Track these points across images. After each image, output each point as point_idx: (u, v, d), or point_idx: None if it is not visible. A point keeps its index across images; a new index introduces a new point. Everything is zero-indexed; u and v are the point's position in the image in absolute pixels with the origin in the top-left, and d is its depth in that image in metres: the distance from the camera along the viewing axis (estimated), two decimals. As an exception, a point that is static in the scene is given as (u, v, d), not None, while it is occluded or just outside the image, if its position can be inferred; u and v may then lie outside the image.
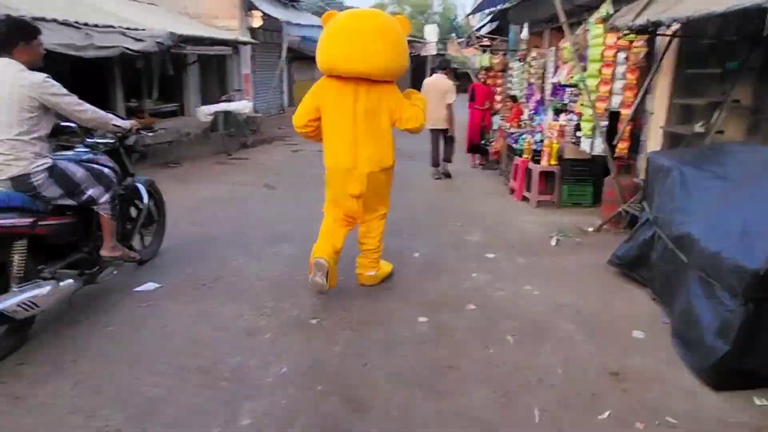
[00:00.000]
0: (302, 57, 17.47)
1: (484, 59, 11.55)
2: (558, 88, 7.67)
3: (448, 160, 8.60)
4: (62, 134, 3.80)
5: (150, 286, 4.11)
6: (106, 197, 3.51)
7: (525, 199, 7.01)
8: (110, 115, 3.64)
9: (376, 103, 3.72)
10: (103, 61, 8.19)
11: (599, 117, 5.65)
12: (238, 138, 11.31)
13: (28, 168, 3.10)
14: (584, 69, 5.96)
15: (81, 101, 3.32)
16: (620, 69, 5.57)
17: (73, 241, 3.53)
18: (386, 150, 3.87)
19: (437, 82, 8.12)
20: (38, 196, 3.18)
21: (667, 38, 4.93)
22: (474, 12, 14.86)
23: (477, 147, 9.72)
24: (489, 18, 16.19)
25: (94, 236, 3.63)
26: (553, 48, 8.44)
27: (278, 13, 14.51)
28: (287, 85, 16.96)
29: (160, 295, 3.97)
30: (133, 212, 4.33)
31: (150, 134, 4.51)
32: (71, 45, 6.91)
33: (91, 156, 3.71)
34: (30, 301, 3.01)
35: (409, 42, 4.00)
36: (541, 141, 6.77)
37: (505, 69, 11.23)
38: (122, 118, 3.85)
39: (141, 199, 4.32)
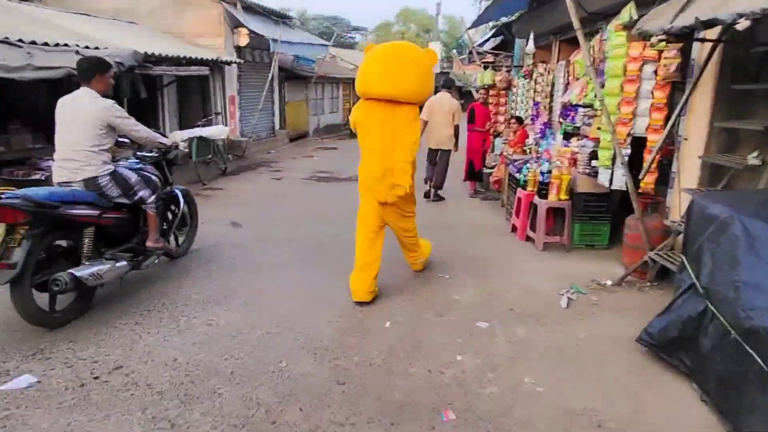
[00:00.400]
0: (295, 77, 16.58)
1: (486, 76, 10.52)
2: (568, 108, 6.58)
3: (439, 186, 8.13)
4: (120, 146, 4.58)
5: (23, 381, 3.07)
6: (152, 198, 4.29)
7: (529, 238, 5.91)
8: (157, 135, 4.44)
9: (400, 122, 4.12)
10: (54, 84, 7.25)
11: (620, 144, 4.55)
12: (217, 165, 10.36)
13: (96, 172, 3.89)
14: (602, 86, 4.89)
15: (137, 123, 4.11)
16: (646, 86, 4.44)
17: (125, 233, 4.30)
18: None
19: (442, 101, 7.83)
20: (103, 195, 3.97)
21: (709, 45, 3.82)
22: (474, 26, 13.89)
23: (477, 174, 8.67)
24: (492, 33, 15.29)
25: (141, 231, 4.43)
26: (563, 62, 7.40)
27: (267, 30, 13.57)
28: (279, 106, 15.95)
29: (29, 398, 2.92)
30: (170, 215, 5.03)
31: (186, 151, 5.27)
32: (2, 66, 5.97)
33: (141, 165, 4.51)
34: (97, 273, 3.77)
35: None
36: (549, 171, 5.65)
37: (509, 87, 10.20)
38: (166, 137, 4.67)
39: (178, 204, 5.04)
